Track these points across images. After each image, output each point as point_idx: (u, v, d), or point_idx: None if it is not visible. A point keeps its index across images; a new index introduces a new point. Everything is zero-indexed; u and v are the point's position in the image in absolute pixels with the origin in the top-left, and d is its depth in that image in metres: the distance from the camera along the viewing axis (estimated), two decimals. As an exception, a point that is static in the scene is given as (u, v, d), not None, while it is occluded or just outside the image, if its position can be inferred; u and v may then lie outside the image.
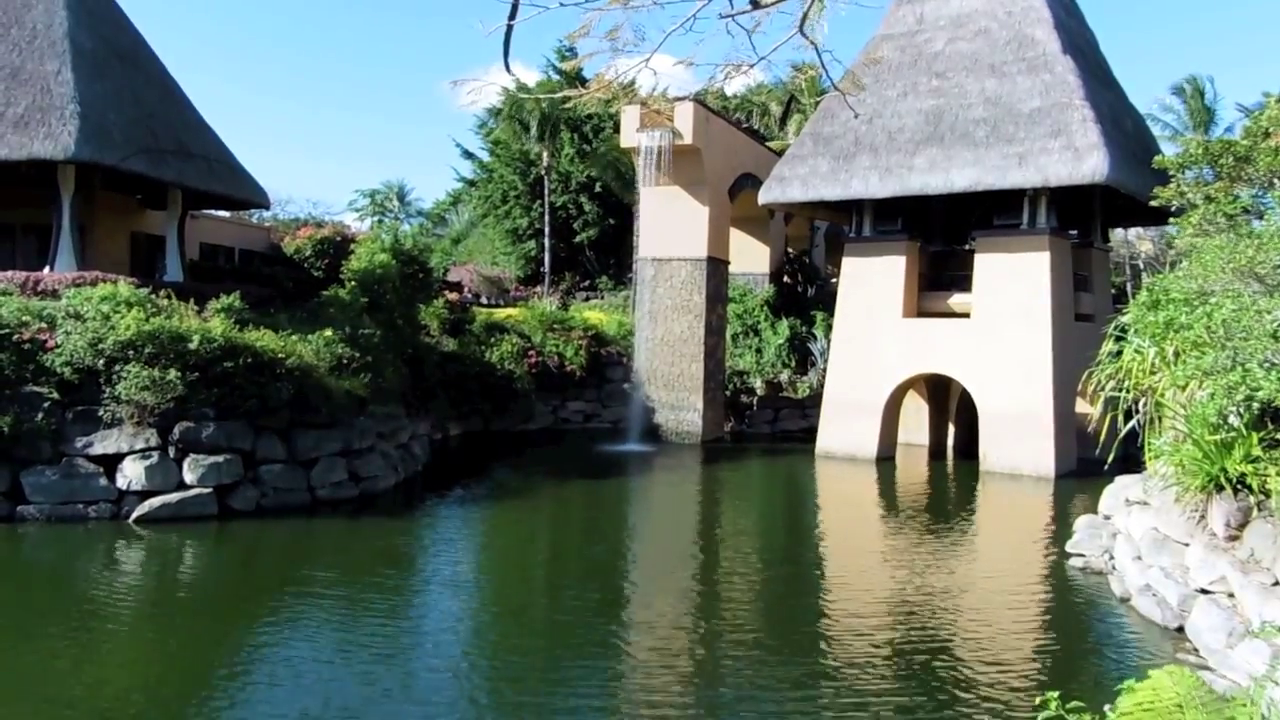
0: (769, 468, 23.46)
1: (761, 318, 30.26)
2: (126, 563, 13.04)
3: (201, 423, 15.23)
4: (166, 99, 24.02)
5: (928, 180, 22.30)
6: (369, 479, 17.14)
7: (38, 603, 11.22)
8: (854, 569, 13.97)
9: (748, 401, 28.33)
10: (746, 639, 10.15)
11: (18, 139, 19.74)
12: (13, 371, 14.96)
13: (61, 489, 14.47)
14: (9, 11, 21.62)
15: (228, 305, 17.74)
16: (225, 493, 15.22)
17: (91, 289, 16.94)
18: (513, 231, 47.38)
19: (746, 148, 28.84)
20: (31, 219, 22.78)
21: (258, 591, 11.96)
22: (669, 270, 26.30)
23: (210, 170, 24.03)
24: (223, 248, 31.27)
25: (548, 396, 27.49)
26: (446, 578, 12.72)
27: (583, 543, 15.40)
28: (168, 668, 9.19)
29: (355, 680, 8.70)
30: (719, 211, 26.66)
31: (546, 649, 9.81)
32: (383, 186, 67.18)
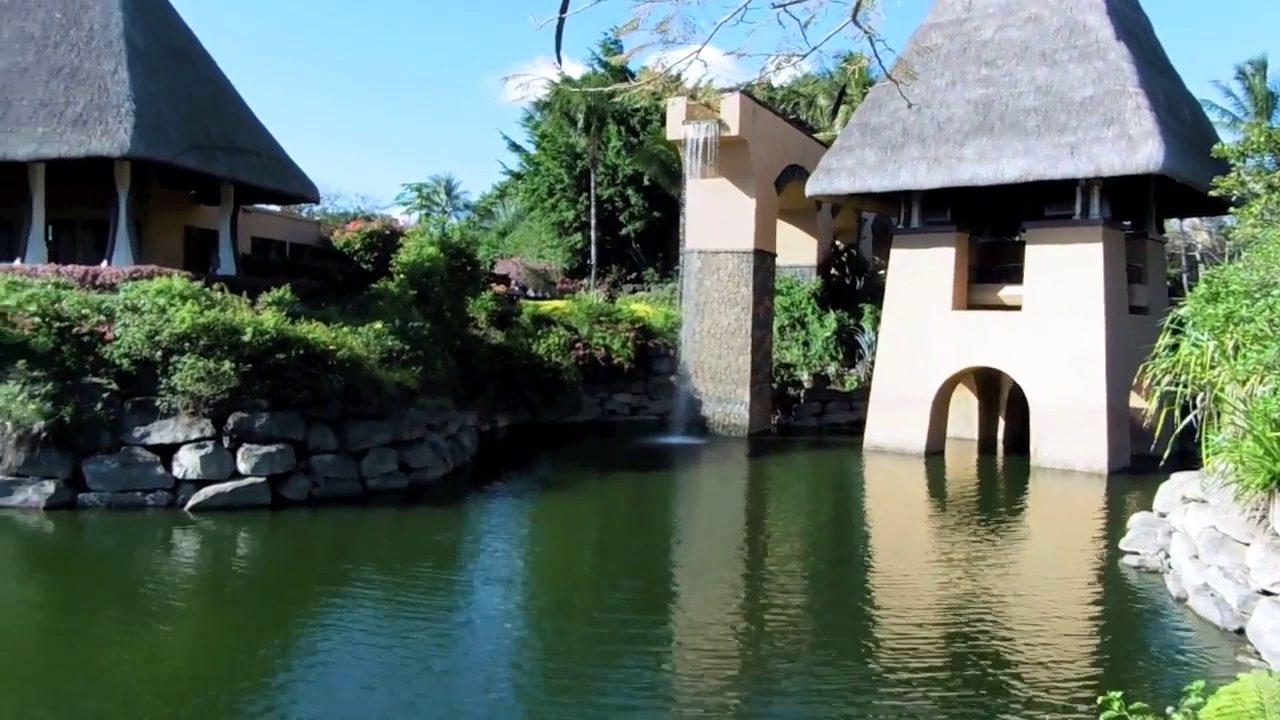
0: (816, 461, 23.33)
1: (808, 310, 30.07)
2: (182, 550, 13.32)
3: (255, 413, 15.47)
4: (218, 96, 24.41)
5: (977, 171, 22.00)
6: (419, 470, 17.31)
7: (97, 588, 11.51)
8: (903, 566, 13.76)
9: (794, 394, 28.19)
10: (794, 640, 10.00)
11: (77, 137, 20.18)
12: (73, 363, 15.32)
13: (120, 477, 14.80)
14: (68, 13, 22.08)
15: (279, 298, 17.99)
16: (278, 482, 15.46)
17: (148, 282, 17.28)
18: (559, 224, 47.52)
19: (793, 139, 28.65)
20: (90, 214, 23.27)
21: (309, 580, 12.13)
22: (716, 263, 26.22)
23: (261, 165, 24.38)
24: (274, 242, 31.71)
25: (595, 389, 27.56)
26: (493, 570, 12.81)
27: (628, 536, 15.43)
28: (220, 654, 9.37)
29: (402, 673, 8.74)
30: (766, 203, 26.52)
31: (590, 646, 9.74)
32: (430, 180, 67.67)
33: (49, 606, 10.97)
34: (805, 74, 46.28)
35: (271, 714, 7.87)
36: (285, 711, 7.92)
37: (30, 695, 8.15)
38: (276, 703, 8.13)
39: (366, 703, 8.06)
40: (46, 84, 21.11)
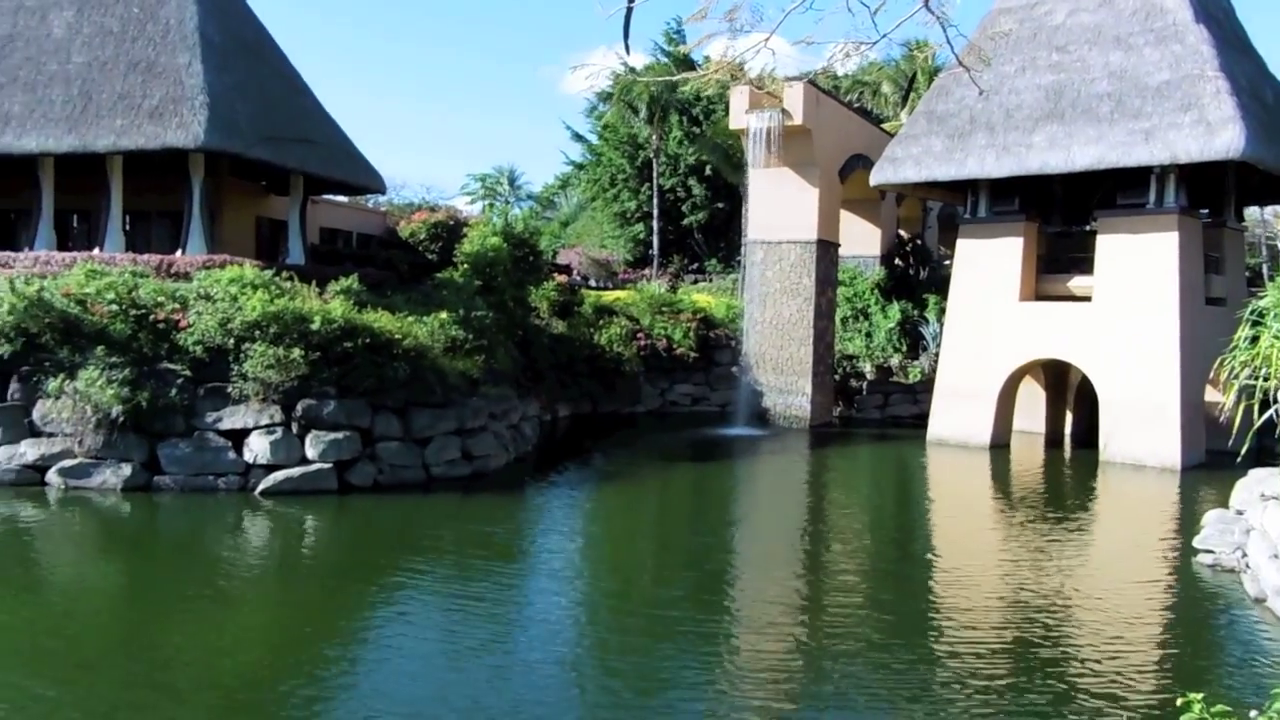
0: (878, 454, 23.09)
1: (872, 301, 29.74)
2: (252, 533, 13.64)
3: (323, 400, 15.75)
4: (288, 88, 24.85)
5: (1047, 159, 21.53)
6: (481, 458, 17.49)
7: (171, 568, 11.85)
8: (967, 563, 13.49)
9: (857, 386, 27.92)
10: (853, 639, 9.74)
11: (153, 129, 20.70)
12: (149, 349, 15.75)
13: (194, 461, 15.20)
14: (145, 8, 22.65)
15: (347, 287, 18.28)
16: (344, 468, 15.72)
17: (220, 271, 17.67)
18: (621, 214, 47.60)
19: (858, 128, 28.32)
20: (165, 205, 23.87)
21: (374, 565, 12.32)
22: (778, 253, 26.05)
23: (330, 157, 24.79)
24: (341, 232, 32.26)
25: (656, 379, 27.58)
26: (552, 558, 12.89)
27: (688, 528, 15.42)
28: (287, 636, 9.61)
29: (460, 659, 8.80)
30: (829, 193, 26.26)
31: (647, 637, 9.63)
32: (493, 171, 68.32)
33: (125, 585, 11.33)
34: (871, 62, 45.73)
35: (338, 696, 8.01)
36: (351, 694, 8.05)
37: (105, 671, 8.42)
38: (342, 685, 8.27)
39: (429, 688, 8.15)
40: (125, 77, 21.70)
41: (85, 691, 7.89)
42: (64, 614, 10.00)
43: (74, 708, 7.54)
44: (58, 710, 7.45)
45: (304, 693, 8.04)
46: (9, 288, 15.87)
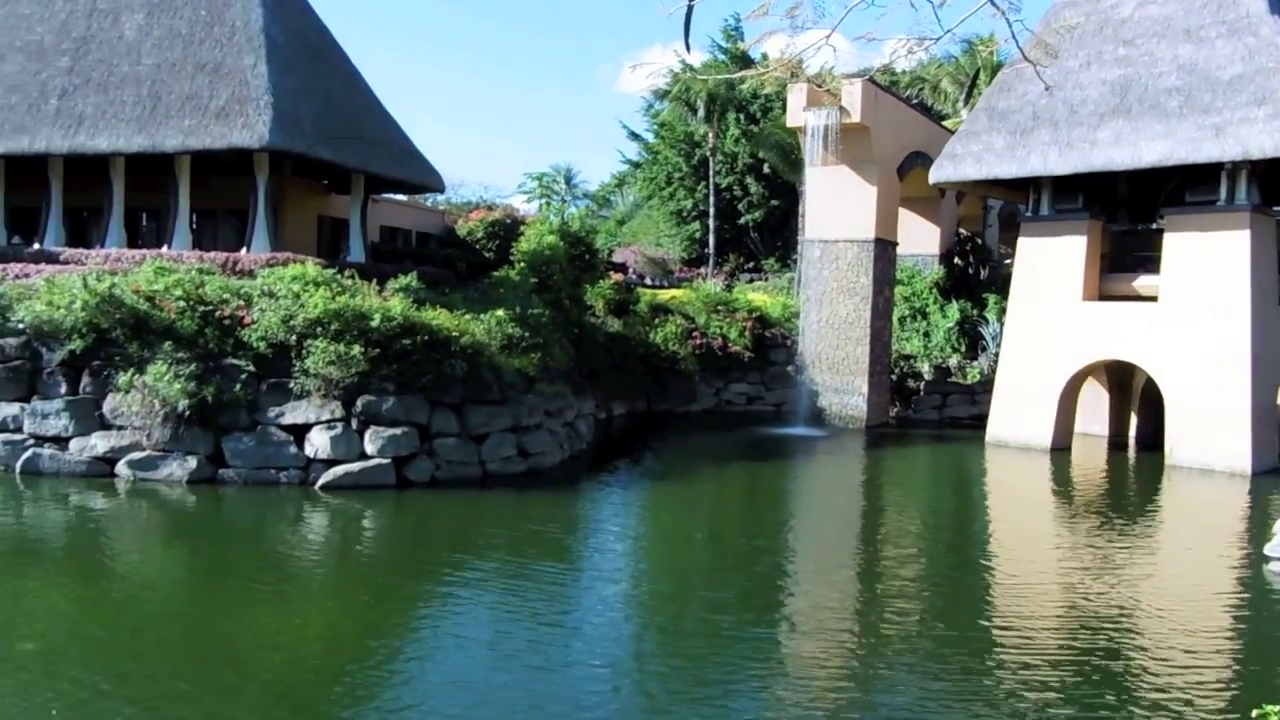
0: (936, 455, 22.80)
1: (930, 300, 29.37)
2: (313, 526, 13.88)
3: (382, 396, 15.96)
4: (350, 88, 25.24)
5: (1112, 155, 21.07)
6: (537, 455, 17.60)
7: (234, 559, 12.10)
8: (1027, 569, 13.21)
9: (914, 386, 27.60)
10: (910, 644, 9.55)
11: (219, 129, 21.16)
12: (215, 345, 16.09)
13: (257, 455, 15.50)
14: (211, 10, 23.16)
15: (406, 285, 18.50)
16: (403, 464, 15.91)
17: (283, 269, 18.00)
18: (677, 213, 47.57)
19: (917, 125, 27.97)
20: (230, 203, 24.40)
21: (431, 560, 12.46)
22: (835, 251, 25.83)
23: (390, 156, 25.13)
24: (401, 230, 32.71)
25: (711, 378, 27.52)
26: (604, 559, 12.89)
27: (741, 529, 15.31)
28: (346, 629, 9.74)
29: (506, 661, 8.75)
30: (887, 191, 25.99)
31: (698, 645, 9.41)
32: (550, 170, 68.55)
33: (187, 576, 11.58)
34: (931, 58, 45.17)
35: (394, 691, 8.09)
36: (407, 689, 8.11)
37: (168, 660, 8.62)
38: (398, 680, 8.35)
39: (473, 691, 8.10)
40: (192, 78, 22.21)
41: (140, 681, 8.06)
42: (125, 603, 10.27)
43: (126, 697, 7.71)
44: (109, 698, 7.62)
45: (350, 691, 8.12)
46: (81, 284, 16.32)
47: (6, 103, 23.49)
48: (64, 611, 9.81)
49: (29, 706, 7.39)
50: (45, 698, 7.53)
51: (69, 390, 15.96)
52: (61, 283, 16.89)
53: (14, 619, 9.42)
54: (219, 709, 7.52)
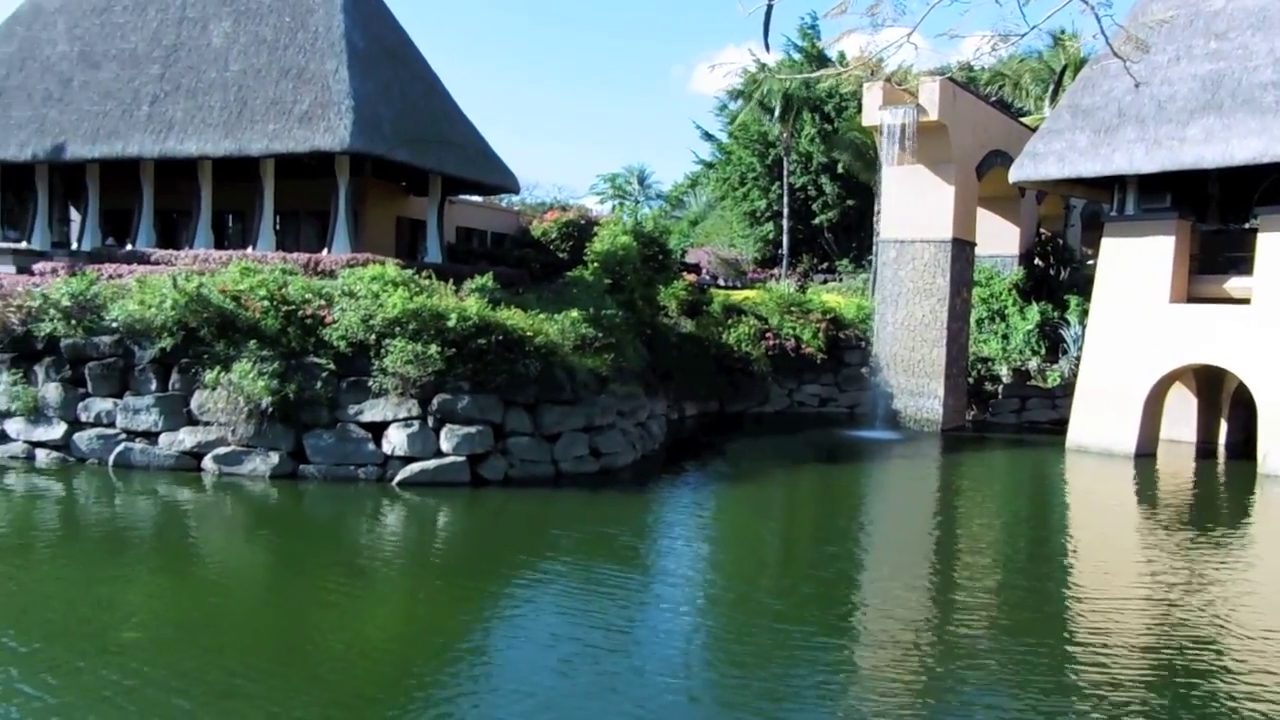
0: (1014, 460, 22.32)
1: (1009, 302, 28.77)
2: (390, 522, 14.14)
3: (457, 395, 16.18)
4: (428, 91, 25.65)
5: (1203, 153, 20.38)
6: (609, 455, 17.67)
7: (315, 553, 12.41)
8: (1111, 582, 12.68)
9: (992, 390, 27.07)
10: (986, 659, 9.18)
11: (303, 133, 21.69)
12: (297, 344, 16.49)
13: (336, 451, 15.84)
14: (296, 17, 23.75)
15: (481, 285, 18.72)
16: (477, 462, 16.12)
17: (363, 269, 18.36)
18: (750, 214, 47.37)
19: (996, 123, 27.44)
20: (313, 205, 24.98)
21: (498, 561, 12.56)
22: (911, 252, 25.47)
23: (467, 158, 25.48)
24: (476, 231, 33.14)
25: (784, 379, 27.34)
26: (673, 562, 12.84)
27: (814, 532, 15.20)
28: (420, 624, 9.94)
29: (571, 665, 8.67)
30: (965, 191, 25.54)
31: (765, 653, 9.23)
32: (623, 170, 68.94)
33: (271, 570, 11.92)
34: (1012, 54, 44.25)
35: (457, 695, 8.17)
36: (471, 693, 8.14)
37: (250, 650, 8.88)
38: (462, 683, 8.39)
39: (537, 697, 8.09)
40: (277, 84, 22.79)
41: (216, 674, 8.29)
42: (209, 596, 10.59)
43: (201, 688, 7.96)
44: (178, 688, 7.85)
45: (413, 693, 8.23)
46: (171, 284, 16.87)
47: (101, 109, 24.40)
48: (155, 602, 10.18)
49: (127, 695, 7.67)
50: (136, 686, 7.82)
51: (159, 387, 16.51)
52: (152, 283, 17.47)
53: (116, 608, 9.80)
54: (288, 703, 7.69)
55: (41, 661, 8.29)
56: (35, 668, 8.14)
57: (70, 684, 7.84)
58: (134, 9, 26.25)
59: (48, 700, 7.52)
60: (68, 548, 12.24)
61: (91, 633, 9.04)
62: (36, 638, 8.84)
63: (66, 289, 17.40)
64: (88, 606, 9.80)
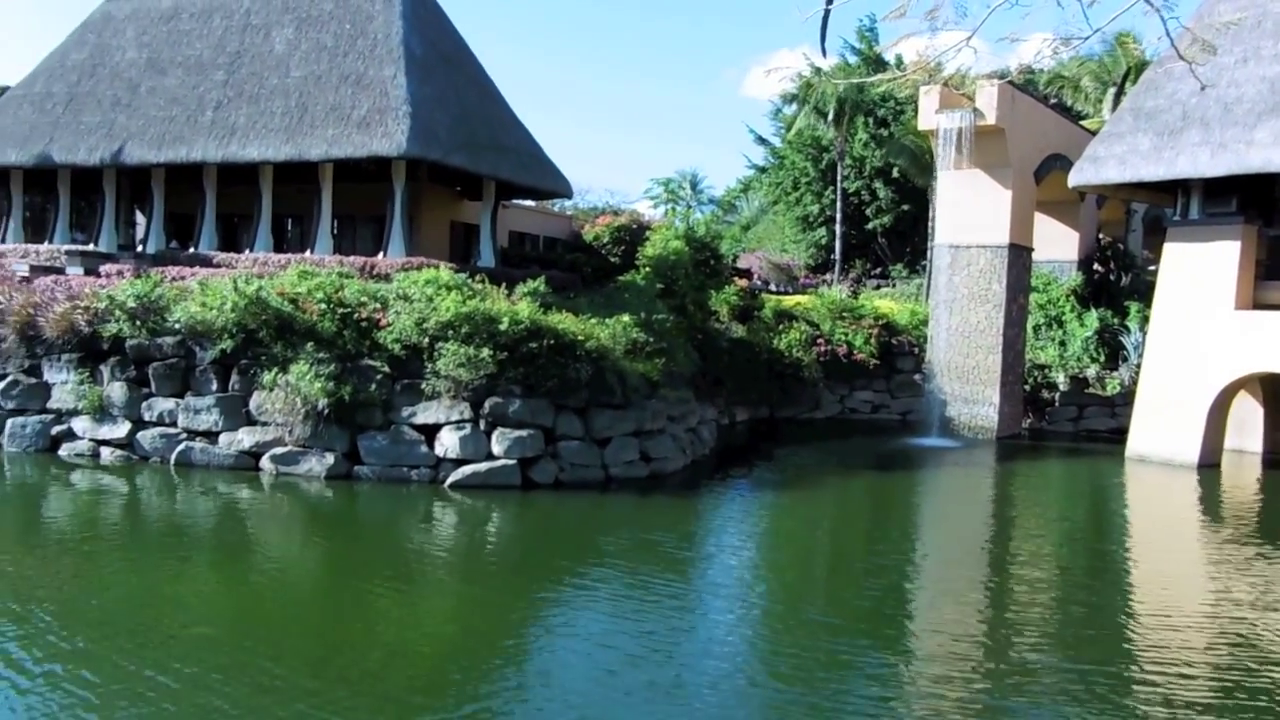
0: (1071, 470, 21.91)
1: (1067, 308, 28.28)
2: (442, 523, 14.30)
3: (508, 399, 16.29)
4: (484, 97, 25.89)
5: (1271, 156, 19.85)
6: (659, 460, 17.68)
7: (368, 553, 12.58)
8: (1175, 597, 12.25)
9: (1049, 397, 26.62)
10: (1042, 677, 8.84)
11: (361, 138, 22.01)
12: (353, 346, 16.73)
13: (390, 453, 16.03)
14: (356, 24, 24.13)
15: (533, 289, 18.85)
16: (528, 465, 16.21)
17: (417, 273, 18.58)
18: (803, 219, 47.13)
19: (1055, 126, 27.00)
20: (369, 209, 25.35)
21: (547, 566, 12.60)
22: (967, 257, 25.15)
23: (520, 163, 25.67)
24: (529, 235, 33.36)
25: (835, 385, 27.15)
26: (726, 565, 12.82)
27: (865, 541, 14.99)
28: (469, 624, 10.03)
29: (618, 674, 8.62)
30: (1023, 195, 25.16)
31: (813, 666, 9.06)
32: (676, 175, 68.94)
33: (325, 569, 12.10)
34: (1071, 57, 43.50)
35: (509, 691, 8.25)
36: (513, 703, 8.15)
37: (299, 648, 9.04)
38: (505, 692, 8.41)
39: (587, 699, 8.14)
40: (336, 90, 23.18)
41: (266, 670, 8.45)
42: (265, 594, 10.83)
43: (251, 683, 8.10)
44: (221, 685, 7.99)
45: (488, 680, 8.34)
46: (232, 287, 17.21)
47: (168, 114, 25.00)
48: (211, 599, 10.40)
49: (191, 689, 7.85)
50: (181, 681, 7.99)
51: (219, 387, 16.84)
52: (214, 285, 17.84)
53: (172, 604, 10.04)
54: (335, 702, 7.78)
55: (88, 655, 8.49)
56: (83, 661, 8.33)
57: (113, 678, 8.01)
58: (200, 16, 26.86)
59: (88, 697, 7.64)
60: (130, 544, 12.53)
61: (143, 628, 9.24)
62: (90, 632, 9.07)
63: (132, 291, 17.84)
64: (144, 602, 10.05)
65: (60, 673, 8.06)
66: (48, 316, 17.71)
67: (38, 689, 7.71)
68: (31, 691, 7.66)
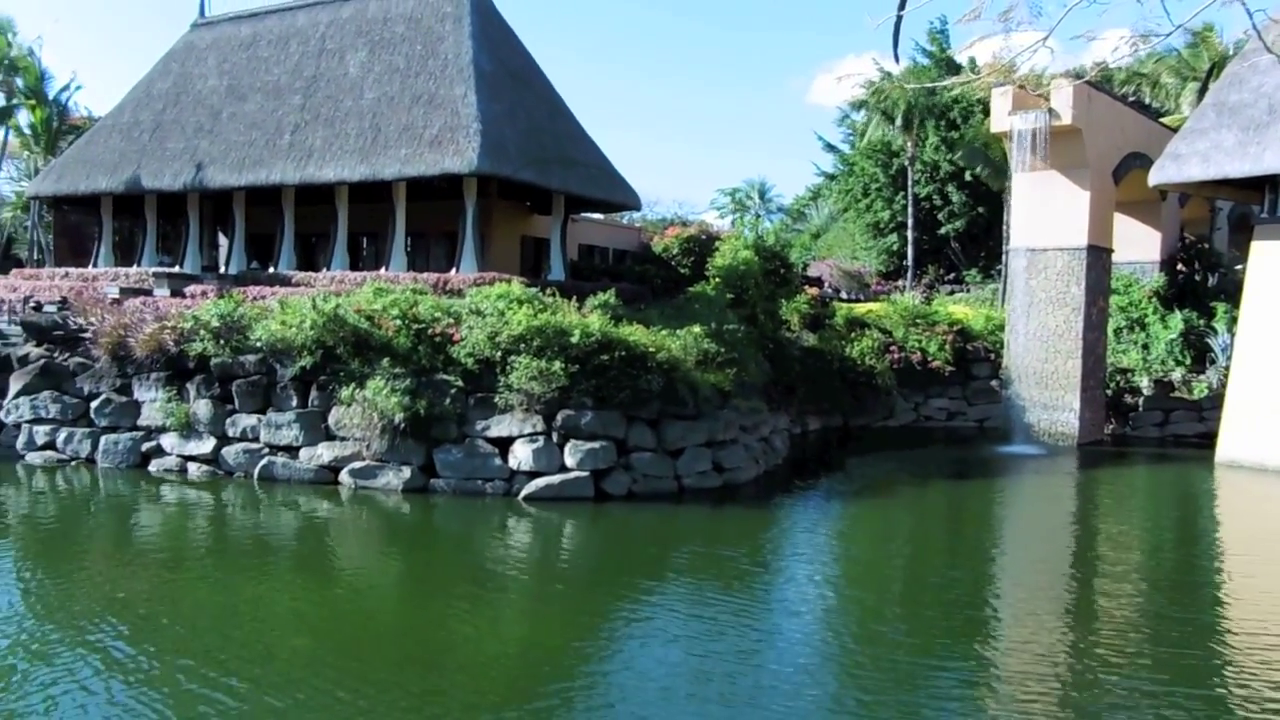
0: (1158, 477, 21.26)
1: (1149, 310, 27.50)
2: (516, 536, 14.42)
3: (581, 411, 16.38)
4: (552, 112, 26.15)
5: (1366, 150, 19.12)
6: (731, 470, 17.61)
7: (444, 565, 12.80)
8: (1269, 614, 11.60)
9: (1132, 402, 25.89)
10: (1130, 702, 8.33)
11: (433, 157, 22.40)
12: (427, 361, 17.00)
13: (465, 466, 16.24)
14: (427, 45, 24.60)
15: (604, 302, 18.95)
16: (600, 477, 16.27)
17: (489, 288, 18.82)
18: (874, 225, 46.64)
19: (1134, 124, 26.32)
20: (441, 226, 25.75)
21: (627, 572, 12.68)
22: (1044, 260, 24.63)
23: (589, 176, 25.85)
24: (598, 248, 33.55)
25: (909, 393, 26.78)
26: (801, 575, 12.71)
27: (943, 552, 14.69)
28: (544, 635, 10.08)
29: (691, 692, 8.51)
30: (1101, 195, 24.57)
31: (888, 687, 8.81)
32: (744, 185, 68.74)
33: (403, 579, 12.32)
34: (1149, 53, 42.39)
35: (578, 704, 8.27)
36: (591, 704, 8.22)
37: (376, 657, 9.18)
38: (584, 694, 8.49)
39: (663, 702, 8.18)
40: (409, 110, 23.62)
41: (352, 681, 8.59)
42: (348, 604, 11.04)
43: (336, 694, 8.25)
44: (298, 694, 8.18)
45: (563, 691, 8.42)
46: (311, 305, 17.62)
47: (247, 139, 25.74)
48: (293, 609, 10.66)
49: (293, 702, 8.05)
50: (260, 689, 8.19)
51: (299, 403, 17.25)
52: (293, 304, 18.29)
53: (255, 615, 10.31)
54: (409, 711, 7.92)
55: (187, 663, 8.74)
56: (162, 672, 8.59)
57: (182, 687, 8.24)
58: (277, 43, 27.65)
59: (161, 708, 7.87)
60: (218, 557, 12.90)
61: (239, 639, 9.52)
62: (192, 642, 9.37)
63: (215, 311, 18.38)
64: (236, 613, 10.33)
65: (171, 678, 8.36)
66: (137, 337, 18.35)
67: (142, 697, 7.99)
68: (138, 697, 7.94)
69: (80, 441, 18.30)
